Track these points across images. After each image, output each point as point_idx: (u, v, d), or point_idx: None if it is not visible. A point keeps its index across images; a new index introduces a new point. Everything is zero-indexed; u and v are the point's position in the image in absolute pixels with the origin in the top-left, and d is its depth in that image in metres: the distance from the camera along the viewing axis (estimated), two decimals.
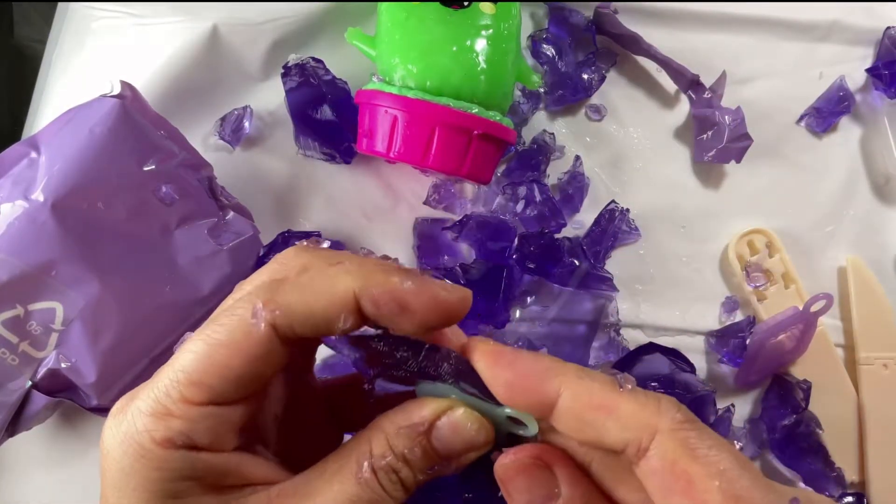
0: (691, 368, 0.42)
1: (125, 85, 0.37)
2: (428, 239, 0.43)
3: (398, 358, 0.23)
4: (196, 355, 0.21)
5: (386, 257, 0.25)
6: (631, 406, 0.21)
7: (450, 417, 0.22)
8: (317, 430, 0.27)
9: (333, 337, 0.23)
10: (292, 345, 0.22)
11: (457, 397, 0.23)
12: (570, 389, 0.21)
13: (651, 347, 0.42)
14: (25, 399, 0.35)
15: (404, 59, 0.37)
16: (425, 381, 0.23)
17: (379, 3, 0.40)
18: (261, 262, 0.40)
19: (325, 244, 0.26)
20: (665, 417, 0.20)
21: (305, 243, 0.25)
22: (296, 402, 0.26)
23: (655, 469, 0.20)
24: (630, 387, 0.21)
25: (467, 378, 0.22)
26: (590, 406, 0.21)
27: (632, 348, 0.42)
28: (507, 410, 0.22)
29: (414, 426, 0.22)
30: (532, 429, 0.22)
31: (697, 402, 0.40)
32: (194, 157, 0.39)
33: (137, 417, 0.21)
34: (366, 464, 0.22)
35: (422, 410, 0.22)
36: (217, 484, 0.22)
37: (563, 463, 0.22)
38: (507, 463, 0.22)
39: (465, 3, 0.38)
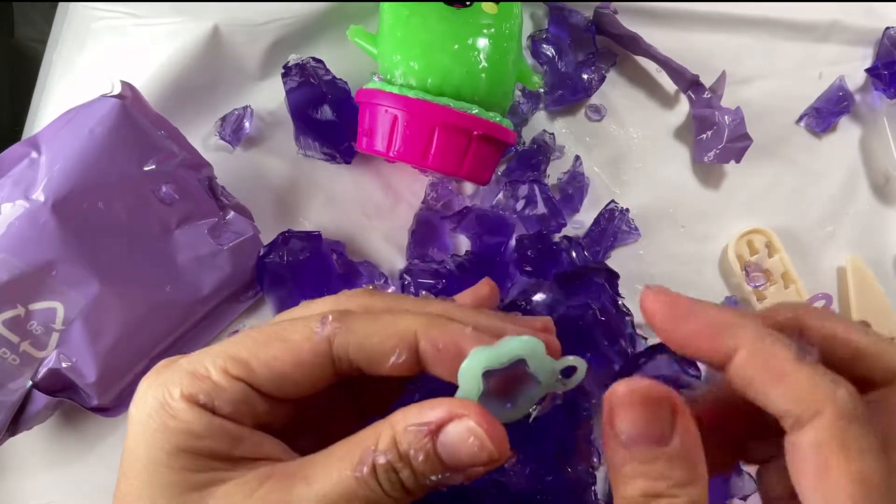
0: (697, 372, 0.41)
1: (125, 85, 0.38)
2: (426, 225, 0.43)
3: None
4: (254, 340, 0.23)
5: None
6: (804, 383, 0.20)
7: (457, 426, 0.21)
8: (336, 419, 0.26)
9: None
10: (340, 373, 0.23)
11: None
12: (747, 349, 0.21)
13: (660, 348, 0.41)
14: (26, 399, 0.35)
15: (406, 56, 0.37)
16: None
17: (381, 2, 0.40)
18: (261, 262, 0.40)
19: (391, 289, 0.27)
20: (835, 405, 0.20)
21: (371, 287, 0.27)
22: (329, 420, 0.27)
23: (802, 444, 0.20)
24: (811, 359, 0.21)
25: None
26: (763, 369, 0.21)
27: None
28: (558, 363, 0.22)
29: (422, 426, 0.21)
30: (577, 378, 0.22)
31: None
32: (194, 157, 0.39)
33: (176, 373, 0.23)
34: (367, 460, 0.21)
35: (434, 410, 0.21)
36: (229, 453, 0.22)
37: (684, 410, 0.21)
38: (628, 389, 0.21)
39: (468, 3, 0.38)
